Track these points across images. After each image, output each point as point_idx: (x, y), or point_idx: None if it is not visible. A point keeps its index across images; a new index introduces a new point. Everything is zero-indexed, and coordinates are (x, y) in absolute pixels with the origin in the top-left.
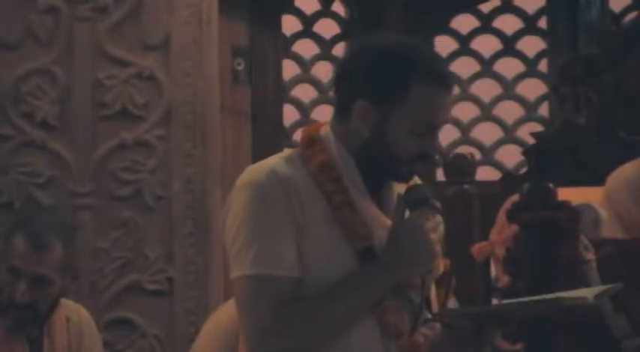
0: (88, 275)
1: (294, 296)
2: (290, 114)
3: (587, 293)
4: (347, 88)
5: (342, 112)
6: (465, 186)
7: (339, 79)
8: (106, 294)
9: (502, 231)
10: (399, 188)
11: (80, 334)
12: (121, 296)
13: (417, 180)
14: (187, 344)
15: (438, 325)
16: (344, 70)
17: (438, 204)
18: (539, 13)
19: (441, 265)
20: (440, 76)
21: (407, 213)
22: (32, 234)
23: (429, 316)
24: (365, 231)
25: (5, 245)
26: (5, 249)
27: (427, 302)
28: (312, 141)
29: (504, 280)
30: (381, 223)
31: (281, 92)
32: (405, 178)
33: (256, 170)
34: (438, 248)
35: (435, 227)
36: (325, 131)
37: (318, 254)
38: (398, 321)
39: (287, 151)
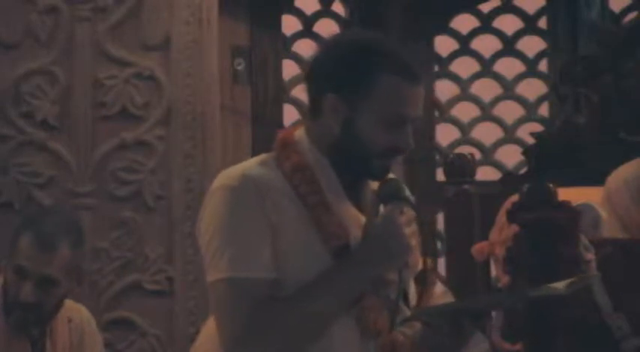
0: (88, 275)
1: (270, 298)
2: (290, 114)
3: (559, 285)
4: (315, 85)
5: (313, 111)
6: (465, 186)
7: (308, 78)
8: (106, 294)
9: (502, 231)
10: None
11: (81, 334)
12: (121, 296)
13: (391, 176)
14: (187, 344)
15: (417, 323)
16: (312, 68)
17: (412, 198)
18: (539, 13)
19: (419, 262)
20: (406, 67)
21: (381, 208)
22: (40, 235)
23: (408, 312)
24: (340, 230)
25: (12, 245)
26: (12, 248)
27: (405, 298)
28: (285, 144)
29: (504, 280)
30: (358, 223)
31: (281, 92)
32: (378, 175)
33: (229, 174)
34: (413, 241)
35: (409, 220)
36: (299, 134)
37: (294, 255)
38: (377, 320)
39: (262, 155)
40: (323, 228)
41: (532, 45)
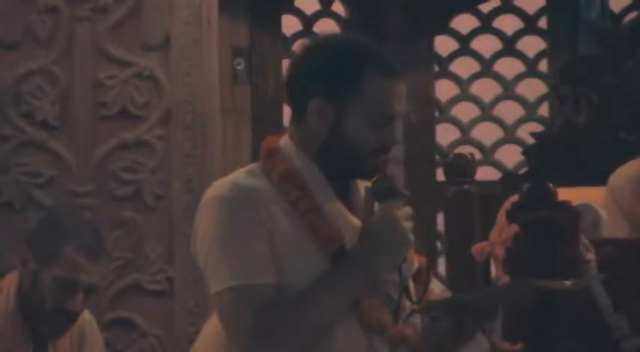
0: None
1: (274, 301)
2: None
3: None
4: (299, 90)
5: (297, 116)
6: (465, 186)
7: (289, 83)
8: (106, 294)
9: (502, 231)
10: (364, 185)
11: (82, 335)
12: (121, 296)
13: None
14: (187, 344)
15: (417, 321)
16: (294, 73)
17: (407, 192)
18: (539, 13)
19: (416, 260)
20: (390, 66)
21: (376, 205)
22: (86, 245)
23: (411, 306)
24: (334, 232)
25: (50, 254)
26: (51, 258)
27: (407, 291)
28: (271, 153)
29: (504, 280)
30: (350, 225)
31: (281, 92)
32: (369, 174)
33: (219, 185)
34: (411, 236)
35: (406, 215)
36: (284, 141)
37: (290, 261)
38: (380, 316)
39: (249, 166)
40: (317, 232)
41: (532, 45)
